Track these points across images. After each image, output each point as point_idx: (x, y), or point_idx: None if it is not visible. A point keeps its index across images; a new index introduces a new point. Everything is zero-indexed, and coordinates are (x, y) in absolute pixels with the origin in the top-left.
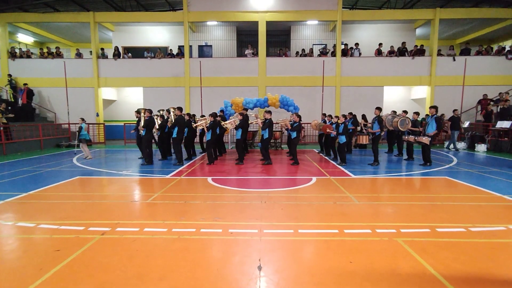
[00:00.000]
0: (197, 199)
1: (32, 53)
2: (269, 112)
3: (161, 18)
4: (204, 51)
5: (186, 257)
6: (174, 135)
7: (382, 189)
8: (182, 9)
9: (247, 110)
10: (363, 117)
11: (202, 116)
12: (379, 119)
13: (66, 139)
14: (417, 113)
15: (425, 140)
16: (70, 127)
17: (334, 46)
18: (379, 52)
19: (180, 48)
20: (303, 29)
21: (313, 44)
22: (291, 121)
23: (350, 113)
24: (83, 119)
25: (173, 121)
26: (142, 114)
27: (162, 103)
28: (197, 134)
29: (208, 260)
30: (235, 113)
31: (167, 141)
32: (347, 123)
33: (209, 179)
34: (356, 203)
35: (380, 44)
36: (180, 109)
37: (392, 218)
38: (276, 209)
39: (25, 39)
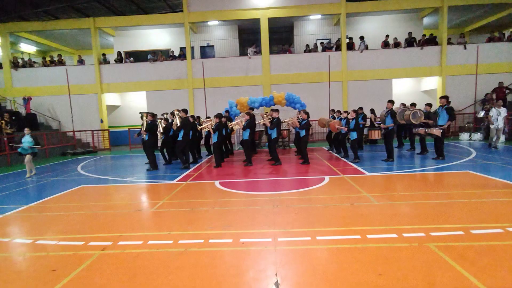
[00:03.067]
0: (205, 205)
1: (35, 62)
2: (277, 110)
3: (162, 20)
4: (206, 52)
5: (194, 275)
6: (180, 138)
7: (401, 187)
8: (182, 10)
9: (253, 110)
10: (372, 111)
11: (208, 117)
12: (392, 113)
13: (71, 147)
14: (429, 105)
15: (436, 132)
16: (75, 135)
17: (339, 40)
18: (386, 44)
19: (182, 49)
20: (306, 25)
21: (317, 40)
22: (299, 119)
23: (361, 108)
24: (29, 129)
25: (178, 124)
26: (144, 118)
27: (166, 106)
28: (203, 136)
29: (218, 279)
30: (240, 113)
31: (172, 145)
32: (359, 118)
33: (217, 183)
34: (375, 203)
35: (387, 36)
36: (185, 111)
37: (417, 220)
38: (289, 214)
39: (27, 48)
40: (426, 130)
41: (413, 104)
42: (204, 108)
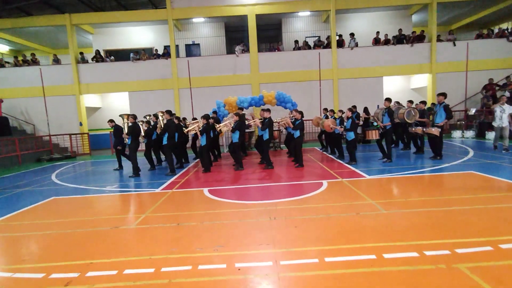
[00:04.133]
0: (193, 218)
1: (6, 62)
2: (268, 110)
3: (144, 16)
4: (192, 50)
5: None
6: (165, 141)
7: (406, 191)
8: (165, 7)
9: (242, 110)
10: (365, 110)
11: (194, 119)
12: (389, 111)
13: (47, 153)
14: (423, 102)
15: (435, 131)
16: (52, 139)
17: (328, 37)
18: (376, 41)
19: (166, 48)
20: (295, 22)
21: (306, 37)
22: (291, 118)
23: (354, 107)
24: None
25: (162, 126)
26: (125, 120)
27: (149, 107)
28: (189, 139)
29: None
30: (229, 113)
31: (156, 149)
32: (354, 117)
33: (206, 190)
34: (383, 212)
35: (378, 33)
36: (169, 112)
37: (436, 233)
38: (289, 228)
39: None
40: (424, 129)
41: (410, 101)
42: (190, 109)
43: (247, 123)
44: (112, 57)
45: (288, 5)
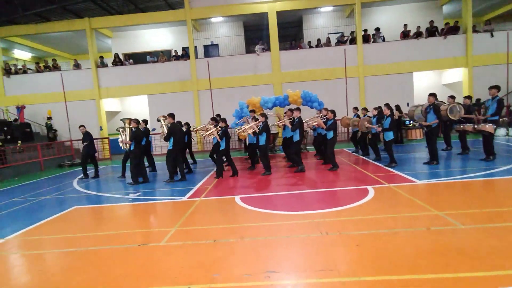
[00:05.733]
0: (230, 233)
1: (29, 69)
2: (298, 109)
3: (162, 18)
4: (210, 51)
5: None
6: (170, 146)
7: (474, 200)
8: (183, 7)
9: (254, 112)
10: (397, 108)
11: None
12: (435, 108)
13: (69, 158)
14: (468, 97)
15: (489, 128)
16: (73, 145)
17: (352, 33)
18: (404, 35)
19: (185, 49)
20: (316, 18)
21: (328, 34)
22: (323, 118)
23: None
24: None
25: (165, 130)
26: (127, 124)
27: (169, 110)
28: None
29: None
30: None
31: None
32: (393, 116)
33: (237, 198)
34: (461, 227)
35: (406, 26)
36: (172, 116)
37: None
38: (349, 247)
39: (22, 55)
40: (476, 126)
41: (452, 97)
42: (211, 111)
43: (276, 123)
44: (131, 60)
45: (310, 0)
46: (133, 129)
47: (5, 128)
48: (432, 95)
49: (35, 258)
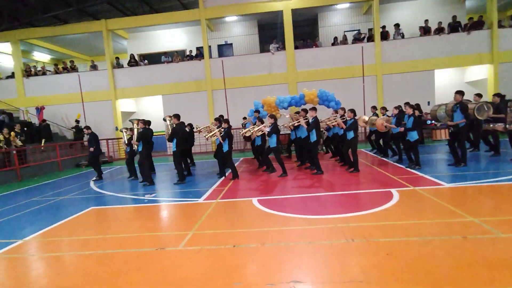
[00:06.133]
0: (250, 238)
1: (48, 70)
2: (314, 109)
3: (177, 18)
4: (224, 51)
5: None
6: (174, 148)
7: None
8: (197, 7)
9: (259, 112)
10: (417, 107)
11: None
12: (462, 107)
13: (85, 158)
14: (498, 95)
15: None
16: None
17: (370, 30)
18: (425, 31)
19: (199, 49)
20: (332, 15)
21: (344, 31)
22: (342, 117)
23: (410, 105)
24: None
25: (170, 131)
26: (135, 125)
27: (183, 110)
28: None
29: None
30: (268, 114)
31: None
32: (416, 115)
33: (255, 201)
34: (502, 236)
35: (426, 21)
36: (177, 116)
37: None
38: (379, 255)
39: (41, 57)
40: (508, 126)
41: (479, 95)
42: (225, 111)
43: (290, 123)
44: (146, 61)
45: None
46: (140, 129)
47: (25, 129)
48: (459, 93)
49: (53, 261)
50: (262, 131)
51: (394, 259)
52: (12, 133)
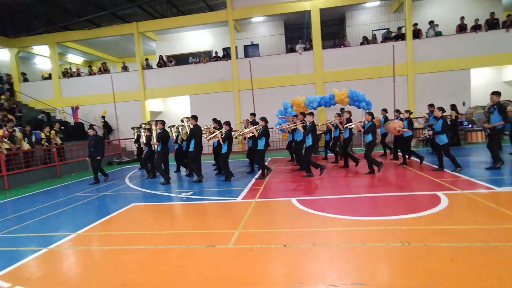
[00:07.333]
0: (298, 238)
1: (82, 72)
2: (311, 113)
3: (205, 19)
4: (250, 51)
5: None
6: (191, 148)
7: None
8: (224, 8)
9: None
10: (453, 108)
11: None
12: (500, 108)
13: (117, 156)
14: None
15: None
16: (120, 143)
17: (400, 28)
18: (461, 28)
19: (226, 50)
20: (360, 14)
21: (372, 30)
22: (362, 121)
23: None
24: None
25: (188, 132)
26: (153, 126)
27: (210, 110)
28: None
29: None
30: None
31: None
32: (446, 118)
33: (294, 200)
34: None
35: (462, 18)
36: (195, 118)
37: None
38: (443, 261)
39: (75, 59)
40: None
41: None
42: (251, 111)
43: (288, 127)
44: (174, 62)
45: None
46: (158, 130)
47: (62, 128)
48: (496, 93)
49: (110, 254)
50: (253, 133)
51: (461, 265)
52: (53, 132)
